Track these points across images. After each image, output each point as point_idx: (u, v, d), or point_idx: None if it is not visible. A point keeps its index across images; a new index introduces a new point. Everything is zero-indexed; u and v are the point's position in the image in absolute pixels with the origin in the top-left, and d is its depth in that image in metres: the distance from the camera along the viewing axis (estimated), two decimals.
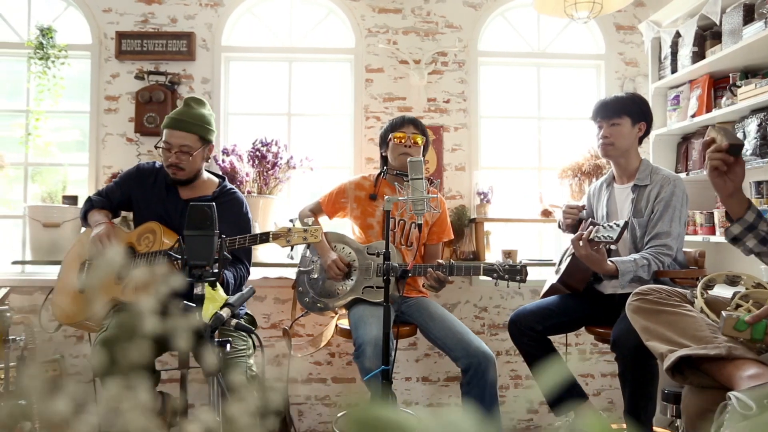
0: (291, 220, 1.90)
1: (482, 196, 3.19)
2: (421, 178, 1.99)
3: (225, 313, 1.13)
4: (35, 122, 3.19)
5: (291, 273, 3.10)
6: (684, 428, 1.35)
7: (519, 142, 3.50)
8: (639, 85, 3.35)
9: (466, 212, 3.22)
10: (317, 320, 3.15)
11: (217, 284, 1.18)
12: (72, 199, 3.08)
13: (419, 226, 2.02)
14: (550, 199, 3.29)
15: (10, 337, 2.06)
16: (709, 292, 1.56)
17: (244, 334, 2.21)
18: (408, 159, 2.02)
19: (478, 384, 2.28)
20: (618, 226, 1.87)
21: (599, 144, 2.30)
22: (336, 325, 2.61)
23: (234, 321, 1.15)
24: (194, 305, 1.11)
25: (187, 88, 3.29)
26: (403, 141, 2.51)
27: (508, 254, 3.07)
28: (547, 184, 3.44)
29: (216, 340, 1.10)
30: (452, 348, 2.36)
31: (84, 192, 3.23)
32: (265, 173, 2.99)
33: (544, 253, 3.49)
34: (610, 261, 2.09)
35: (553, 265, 2.69)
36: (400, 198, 2.02)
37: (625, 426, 2.22)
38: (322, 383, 3.24)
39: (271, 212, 3.08)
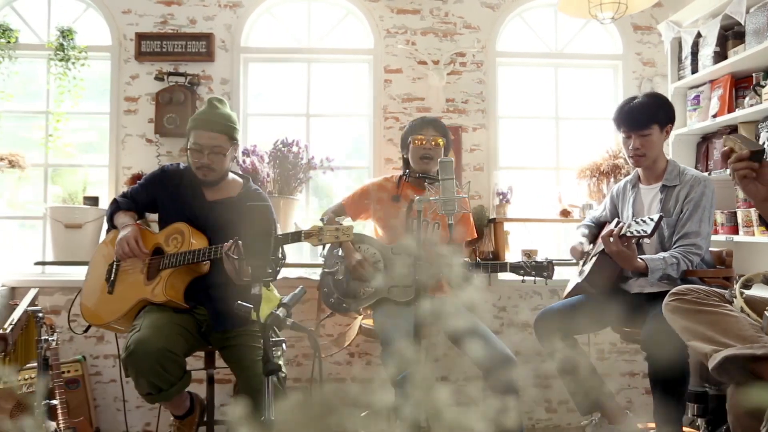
0: (322, 219, 1.91)
1: (501, 197, 3.19)
2: (452, 178, 2.00)
3: (281, 312, 1.14)
4: (56, 124, 3.20)
5: (310, 273, 3.11)
6: (731, 427, 1.36)
7: (537, 142, 3.50)
8: (657, 85, 3.35)
9: (484, 212, 3.23)
10: (339, 320, 3.15)
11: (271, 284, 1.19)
12: (93, 200, 3.10)
13: (450, 226, 2.03)
14: (569, 199, 3.30)
15: (43, 338, 2.06)
16: (747, 292, 1.57)
17: (275, 335, 2.22)
18: (439, 159, 2.03)
19: (499, 386, 2.28)
20: (652, 220, 1.87)
21: (630, 155, 2.28)
22: (360, 325, 2.62)
23: (290, 321, 1.16)
24: (250, 305, 1.12)
25: (206, 89, 3.29)
26: (423, 144, 2.51)
27: (529, 254, 3.07)
28: (565, 184, 3.44)
29: (272, 339, 1.11)
30: (474, 349, 2.36)
31: (104, 193, 3.24)
32: (286, 174, 3.00)
33: (563, 253, 3.49)
34: (640, 258, 2.09)
35: (575, 264, 2.69)
36: (431, 198, 2.03)
37: (654, 426, 2.23)
38: (342, 383, 3.24)
39: (292, 213, 3.09)
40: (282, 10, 3.41)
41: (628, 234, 1.96)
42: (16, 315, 1.99)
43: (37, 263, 3.03)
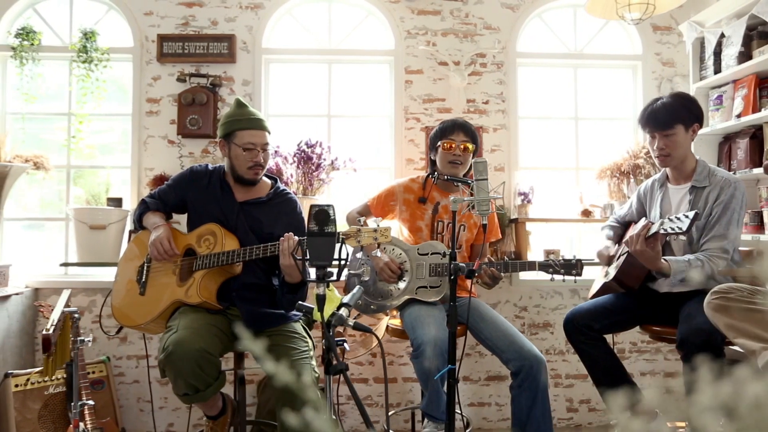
0: (359, 220, 1.91)
1: (523, 197, 3.20)
2: (486, 179, 2.01)
3: (344, 312, 1.14)
4: (78, 125, 3.21)
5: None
6: None
7: (556, 143, 3.51)
8: (676, 86, 3.36)
9: (505, 212, 3.24)
10: (365, 321, 3.16)
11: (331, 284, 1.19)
12: (117, 201, 3.10)
13: (484, 226, 2.04)
14: (590, 199, 3.31)
15: (79, 338, 2.07)
16: None
17: (305, 336, 2.23)
18: (473, 160, 2.03)
19: (529, 387, 2.29)
20: (687, 217, 1.88)
21: (655, 155, 2.30)
22: (387, 326, 2.62)
23: (352, 321, 1.17)
24: (311, 306, 1.12)
25: (227, 90, 3.31)
26: (452, 149, 2.51)
27: (551, 254, 3.08)
28: (585, 184, 3.45)
29: (336, 339, 1.11)
30: (504, 350, 2.37)
31: (126, 194, 3.25)
32: (309, 174, 3.01)
33: (583, 253, 3.50)
34: (664, 259, 2.10)
35: (599, 264, 2.70)
36: (466, 199, 2.04)
37: (684, 425, 2.24)
38: (363, 383, 3.26)
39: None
40: (303, 11, 3.43)
41: (662, 231, 1.96)
42: (55, 316, 2.00)
43: (62, 264, 3.03)
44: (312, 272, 1.14)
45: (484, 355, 3.28)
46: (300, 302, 1.16)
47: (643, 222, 2.38)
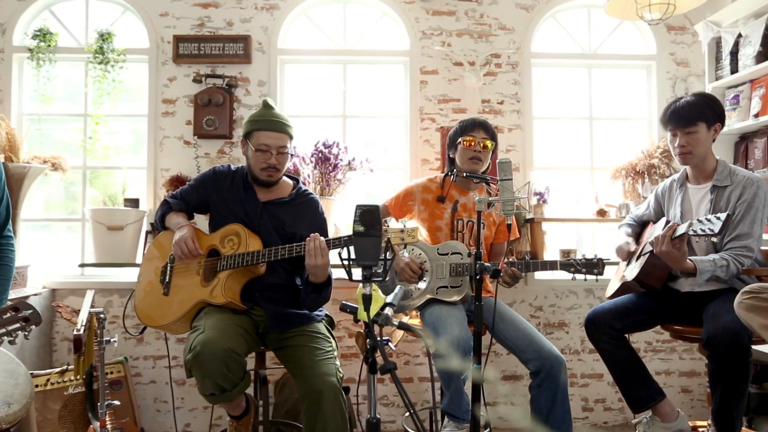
0: (385, 221, 1.92)
1: (539, 197, 3.21)
2: (511, 179, 2.01)
3: (389, 311, 1.15)
4: (95, 126, 3.21)
5: (343, 273, 3.12)
6: None
7: (571, 143, 3.52)
8: (691, 85, 3.37)
9: (521, 212, 3.24)
10: None
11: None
12: (134, 202, 3.11)
13: (509, 226, 2.05)
14: (606, 198, 3.32)
15: (105, 339, 2.08)
16: None
17: (329, 336, 2.24)
18: (498, 160, 2.04)
19: (549, 387, 2.30)
20: (719, 219, 1.88)
21: (676, 153, 2.30)
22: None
23: (396, 321, 1.18)
24: (355, 305, 1.13)
25: (243, 91, 3.31)
26: (472, 145, 2.52)
27: (567, 253, 3.09)
28: (600, 183, 3.46)
29: (381, 339, 1.12)
30: (523, 350, 2.38)
31: (142, 195, 3.25)
32: (327, 175, 3.02)
33: (599, 252, 3.50)
34: (690, 259, 2.11)
35: (617, 263, 2.70)
36: (492, 198, 2.05)
37: (706, 424, 2.25)
38: (380, 383, 3.26)
39: (330, 213, 3.10)
40: (318, 12, 3.43)
41: (691, 233, 1.96)
42: (83, 316, 2.00)
43: (81, 265, 3.04)
44: (358, 272, 1.14)
45: (500, 354, 3.28)
46: (344, 302, 1.17)
47: (663, 222, 2.39)
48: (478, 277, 2.01)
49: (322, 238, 2.06)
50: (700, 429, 2.44)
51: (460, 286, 2.45)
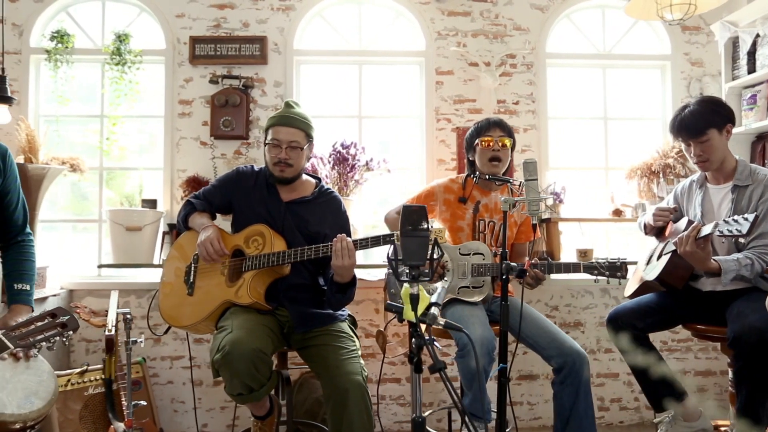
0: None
1: (555, 196, 3.22)
2: (536, 179, 2.02)
3: (436, 311, 1.16)
4: (111, 127, 3.22)
5: (364, 274, 3.12)
6: None
7: (586, 143, 3.53)
8: (706, 85, 3.38)
9: (543, 212, 3.24)
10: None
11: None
12: (151, 203, 3.12)
13: (534, 226, 2.06)
14: (622, 198, 3.32)
15: (131, 339, 2.08)
16: None
17: (352, 335, 2.25)
18: (523, 161, 2.04)
19: (572, 383, 2.30)
20: (747, 220, 1.89)
21: (694, 162, 2.31)
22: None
23: (442, 320, 1.19)
24: (400, 305, 1.14)
25: (259, 92, 3.32)
26: (491, 145, 2.52)
27: (584, 253, 3.10)
28: (614, 183, 3.47)
29: (428, 338, 1.13)
30: (545, 347, 2.38)
31: (159, 195, 3.26)
32: (345, 175, 3.02)
33: (612, 252, 3.52)
34: (714, 259, 2.11)
35: (634, 263, 2.71)
36: (517, 198, 2.06)
37: (728, 423, 2.26)
38: (396, 383, 3.27)
39: (347, 213, 3.10)
40: (333, 12, 3.44)
41: (717, 233, 1.97)
42: (112, 317, 2.01)
43: (100, 266, 3.05)
44: (405, 272, 1.15)
45: (516, 354, 3.27)
46: (389, 302, 1.18)
47: (685, 221, 2.39)
48: (504, 277, 2.02)
49: (350, 239, 2.07)
50: (722, 428, 2.45)
51: (481, 287, 2.45)
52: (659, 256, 2.43)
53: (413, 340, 1.14)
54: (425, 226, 1.13)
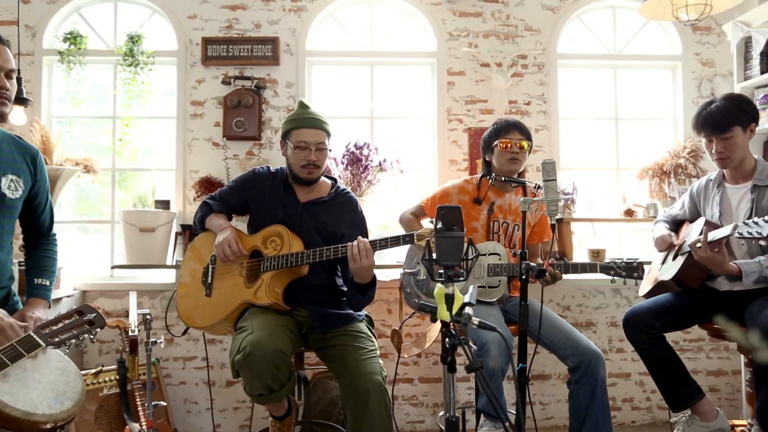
0: (431, 221, 1.93)
1: (567, 196, 3.22)
2: (555, 179, 2.03)
3: (470, 311, 1.16)
4: (124, 128, 3.23)
5: (377, 274, 3.12)
6: None
7: (597, 143, 3.54)
8: (717, 85, 3.39)
9: (561, 213, 3.25)
10: (419, 321, 3.20)
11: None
12: (164, 204, 3.12)
13: (553, 226, 2.06)
14: (633, 198, 3.33)
15: (151, 340, 2.09)
16: None
17: (370, 335, 2.25)
18: (542, 161, 2.05)
19: (588, 382, 2.31)
20: (767, 222, 1.89)
21: (714, 158, 2.30)
22: None
23: (476, 320, 1.19)
24: (434, 305, 1.15)
25: (271, 93, 3.33)
26: (509, 147, 2.53)
27: (597, 253, 3.11)
28: (625, 184, 3.48)
29: (463, 338, 1.13)
30: (560, 346, 2.39)
31: (171, 196, 3.26)
32: (358, 176, 3.03)
33: (624, 252, 3.52)
34: (734, 263, 2.11)
35: (649, 263, 2.71)
36: (535, 199, 2.06)
37: (752, 423, 2.26)
38: (408, 383, 3.28)
39: None
40: (344, 13, 3.45)
41: (737, 235, 1.97)
42: (133, 317, 2.02)
43: (114, 266, 3.05)
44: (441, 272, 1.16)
45: (528, 353, 3.28)
46: (423, 302, 1.18)
47: (701, 222, 2.38)
48: (524, 277, 2.02)
49: (365, 240, 2.07)
50: (738, 428, 2.45)
51: (497, 287, 2.46)
52: (675, 257, 2.43)
53: (446, 340, 1.15)
54: (461, 226, 1.14)
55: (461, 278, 1.16)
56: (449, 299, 1.12)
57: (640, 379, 3.34)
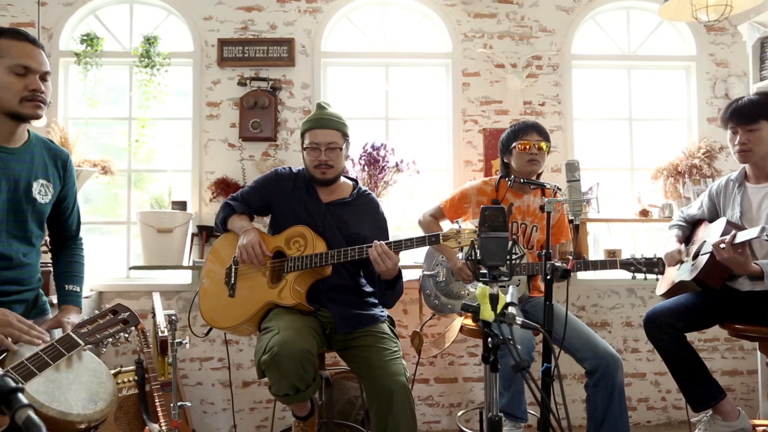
0: (457, 221, 1.94)
1: (590, 196, 3.22)
2: (578, 180, 2.03)
3: (514, 310, 1.17)
4: (141, 129, 3.23)
5: None
6: None
7: (611, 143, 3.54)
8: (731, 86, 3.39)
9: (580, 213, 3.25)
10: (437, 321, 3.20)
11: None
12: (181, 205, 3.13)
13: (577, 227, 2.07)
14: (648, 199, 3.34)
15: (177, 341, 2.10)
16: None
17: (393, 336, 2.26)
18: (565, 162, 2.05)
19: (606, 386, 2.31)
20: None
21: (735, 150, 2.31)
22: (462, 326, 2.64)
23: (519, 319, 1.20)
24: (476, 305, 1.15)
25: (287, 94, 3.33)
26: (528, 149, 2.53)
27: (612, 253, 3.10)
28: (640, 184, 3.48)
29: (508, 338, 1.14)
30: (578, 349, 2.39)
31: (187, 197, 3.27)
32: (375, 176, 3.04)
33: (638, 252, 3.51)
34: (756, 263, 2.12)
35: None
36: (559, 199, 2.07)
37: (765, 423, 2.26)
38: (424, 383, 3.28)
39: None
40: (359, 14, 3.46)
41: (765, 238, 1.97)
42: (160, 318, 2.02)
43: (131, 267, 3.06)
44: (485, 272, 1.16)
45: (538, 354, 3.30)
46: (465, 302, 1.19)
47: (722, 222, 2.39)
48: (548, 278, 2.02)
49: (383, 243, 2.07)
50: (759, 428, 2.46)
51: (517, 286, 2.47)
52: (694, 257, 2.44)
53: (489, 339, 1.15)
54: (505, 226, 1.14)
55: (506, 278, 1.16)
56: (494, 299, 1.13)
57: (655, 379, 3.34)
